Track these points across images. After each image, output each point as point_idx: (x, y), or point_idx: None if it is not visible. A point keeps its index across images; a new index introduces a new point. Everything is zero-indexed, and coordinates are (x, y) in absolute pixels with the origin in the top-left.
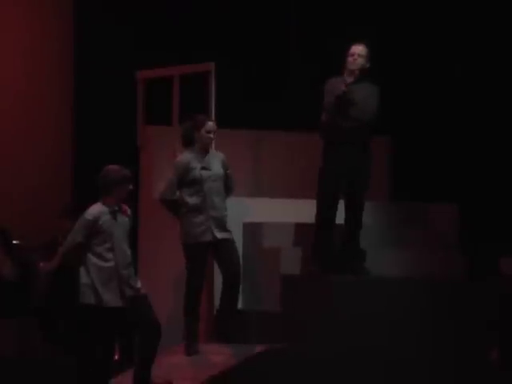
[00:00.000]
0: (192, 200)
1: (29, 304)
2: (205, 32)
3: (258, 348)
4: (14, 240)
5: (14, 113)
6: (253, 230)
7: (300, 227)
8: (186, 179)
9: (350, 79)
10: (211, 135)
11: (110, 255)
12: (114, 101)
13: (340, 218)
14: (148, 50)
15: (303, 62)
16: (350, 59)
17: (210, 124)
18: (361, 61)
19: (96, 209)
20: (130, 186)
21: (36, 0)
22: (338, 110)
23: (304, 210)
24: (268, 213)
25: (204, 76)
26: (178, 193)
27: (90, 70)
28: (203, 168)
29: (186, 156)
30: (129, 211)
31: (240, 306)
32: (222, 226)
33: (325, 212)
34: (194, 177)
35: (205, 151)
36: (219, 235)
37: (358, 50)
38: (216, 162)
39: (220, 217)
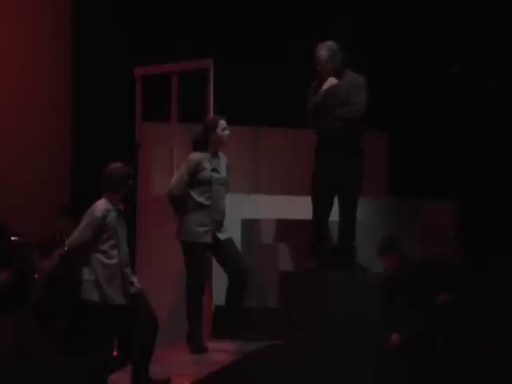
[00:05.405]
0: (199, 199)
1: (27, 301)
2: (203, 29)
3: (257, 345)
4: (13, 236)
5: (12, 111)
6: (251, 227)
7: (298, 224)
8: (196, 178)
9: (325, 86)
10: (228, 131)
11: (114, 252)
12: (113, 97)
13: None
14: (146, 47)
15: (302, 59)
16: (317, 68)
17: (223, 122)
18: (328, 65)
19: (103, 206)
20: (130, 182)
21: None
22: (316, 116)
23: (302, 207)
24: (266, 209)
25: (203, 73)
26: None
27: (89, 66)
28: (213, 170)
29: (198, 155)
30: (122, 209)
31: None
32: (222, 227)
33: (319, 211)
34: (204, 177)
35: (216, 153)
36: (221, 236)
37: (319, 57)
38: (222, 165)
39: (221, 220)
